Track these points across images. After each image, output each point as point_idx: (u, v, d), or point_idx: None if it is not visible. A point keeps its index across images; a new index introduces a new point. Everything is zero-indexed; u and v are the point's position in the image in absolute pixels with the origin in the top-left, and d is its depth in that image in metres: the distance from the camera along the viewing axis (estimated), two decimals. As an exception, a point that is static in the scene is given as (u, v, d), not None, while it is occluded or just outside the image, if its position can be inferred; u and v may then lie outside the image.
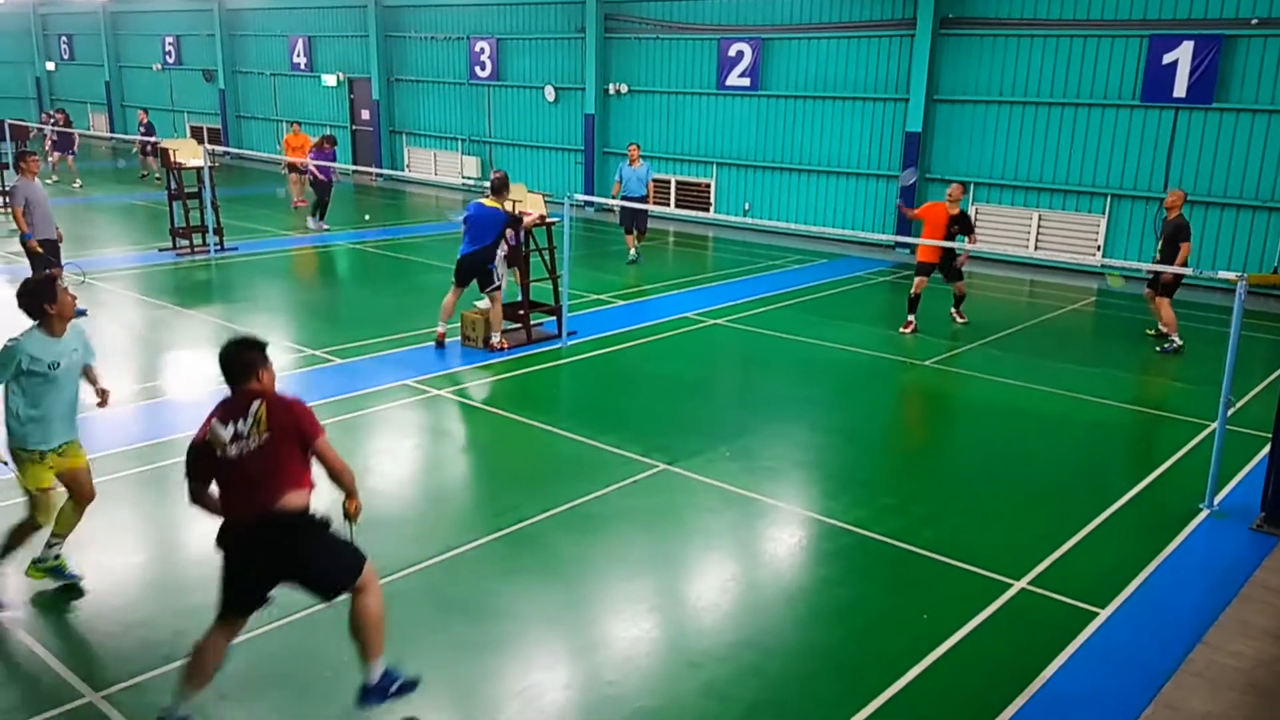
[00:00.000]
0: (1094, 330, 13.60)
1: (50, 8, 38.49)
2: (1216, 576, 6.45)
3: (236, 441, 4.45)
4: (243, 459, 4.45)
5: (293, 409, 4.57)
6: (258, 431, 4.45)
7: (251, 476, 4.46)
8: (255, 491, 4.46)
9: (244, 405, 4.51)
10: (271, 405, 4.51)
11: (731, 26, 20.09)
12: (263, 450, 4.45)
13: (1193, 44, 15.06)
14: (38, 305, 5.62)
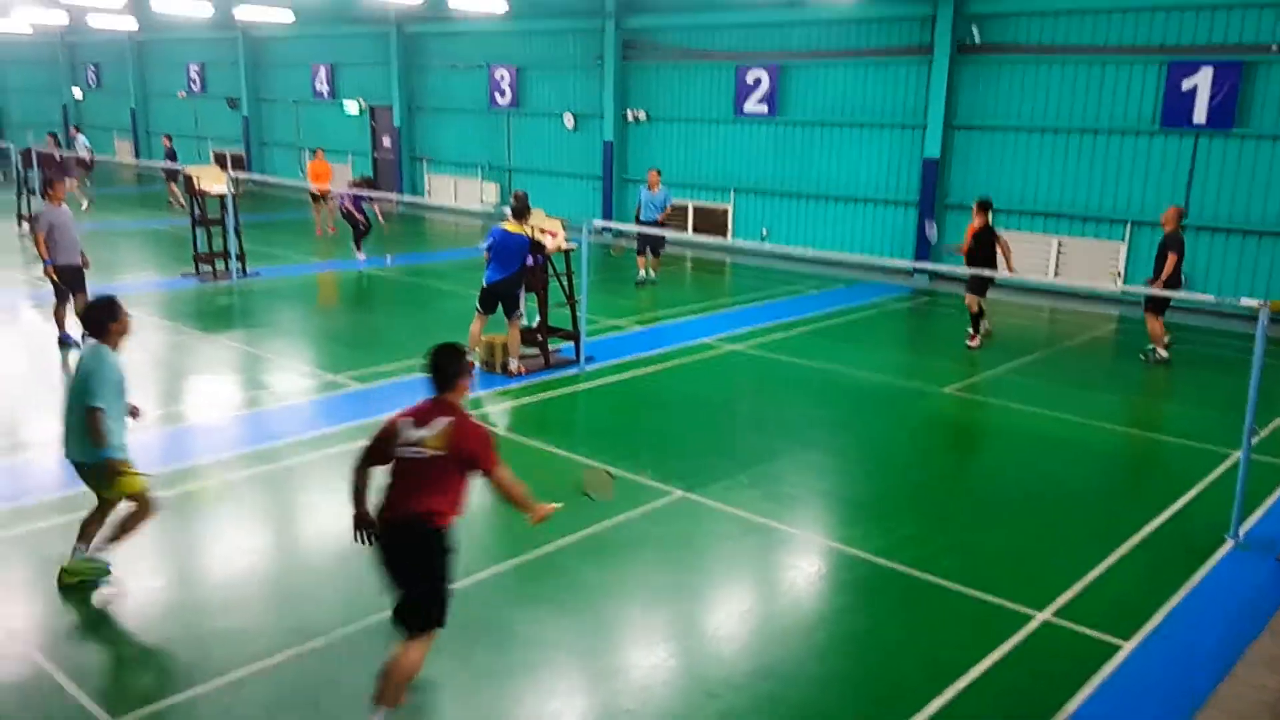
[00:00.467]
0: (1115, 356, 13.51)
1: (78, 36, 39.14)
2: (1242, 609, 6.36)
3: (413, 446, 4.77)
4: (411, 464, 4.77)
5: (475, 439, 4.85)
6: (434, 446, 4.74)
7: (411, 482, 4.78)
8: (405, 492, 4.78)
9: (434, 417, 4.83)
10: (457, 427, 4.80)
11: (749, 53, 20.20)
12: (430, 463, 4.75)
13: (1212, 69, 15.02)
14: (103, 324, 6.14)
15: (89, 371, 6.01)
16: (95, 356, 6.07)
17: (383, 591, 4.95)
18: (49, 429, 9.25)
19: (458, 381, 4.96)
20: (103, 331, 6.15)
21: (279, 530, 7.34)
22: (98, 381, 5.97)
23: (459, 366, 4.97)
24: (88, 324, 6.23)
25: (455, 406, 4.92)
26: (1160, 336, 12.41)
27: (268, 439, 9.00)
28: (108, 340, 6.16)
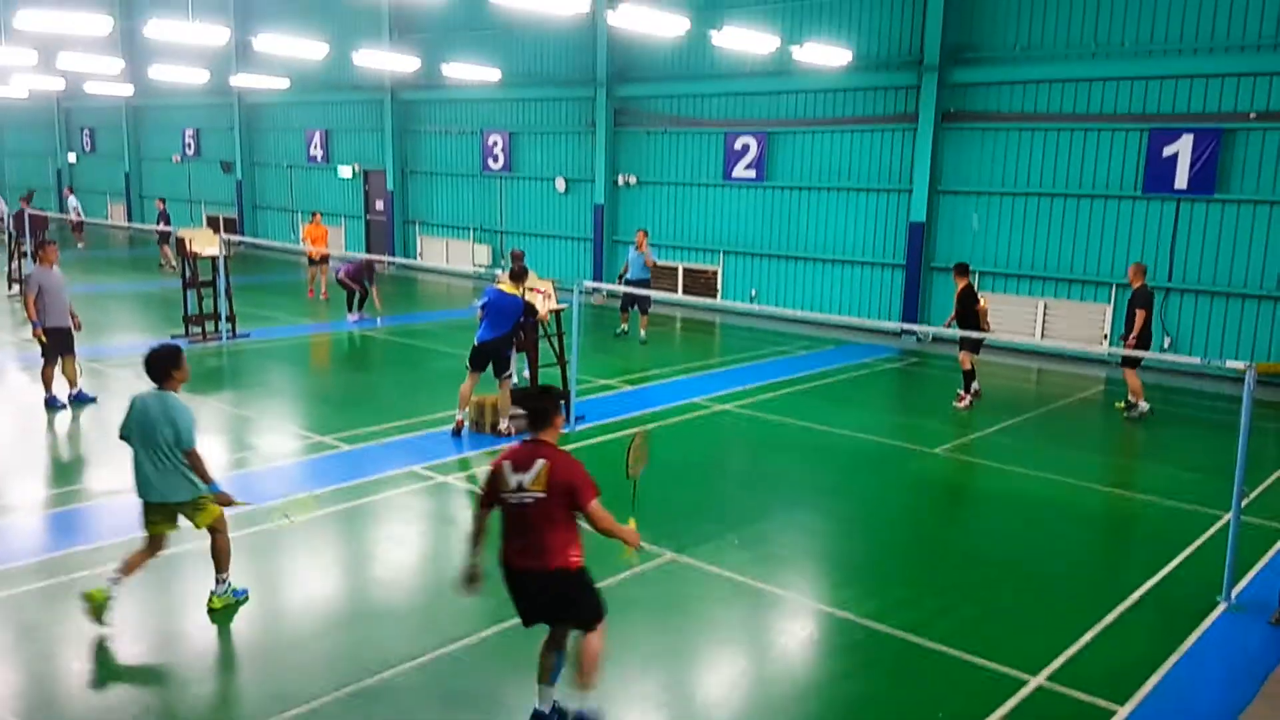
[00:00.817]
0: (1103, 417, 13.54)
1: (74, 101, 39.59)
2: (1237, 672, 6.30)
3: (517, 492, 5.08)
4: (519, 510, 5.08)
5: (570, 474, 5.09)
6: (536, 488, 5.03)
7: (519, 530, 5.11)
8: (523, 547, 5.10)
9: (531, 460, 5.12)
10: (553, 466, 5.06)
11: (737, 121, 20.55)
12: (537, 508, 5.05)
13: (1192, 137, 15.32)
14: (168, 371, 6.44)
15: (176, 415, 6.33)
16: (165, 402, 6.38)
17: (365, 664, 4.86)
18: (33, 492, 9.18)
19: (553, 419, 5.26)
20: (166, 378, 6.44)
21: (263, 595, 7.23)
22: (186, 424, 6.34)
23: (553, 405, 5.31)
24: (152, 371, 6.44)
25: (551, 446, 5.20)
26: (1140, 390, 12.73)
27: (254, 501, 8.90)
28: (169, 385, 6.46)
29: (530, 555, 5.09)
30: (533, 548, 5.08)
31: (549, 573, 5.10)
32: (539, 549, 5.08)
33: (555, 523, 5.08)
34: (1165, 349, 15.82)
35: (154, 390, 6.46)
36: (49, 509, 8.74)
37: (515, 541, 5.14)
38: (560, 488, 5.04)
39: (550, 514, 5.06)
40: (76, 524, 8.40)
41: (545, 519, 5.07)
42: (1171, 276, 15.87)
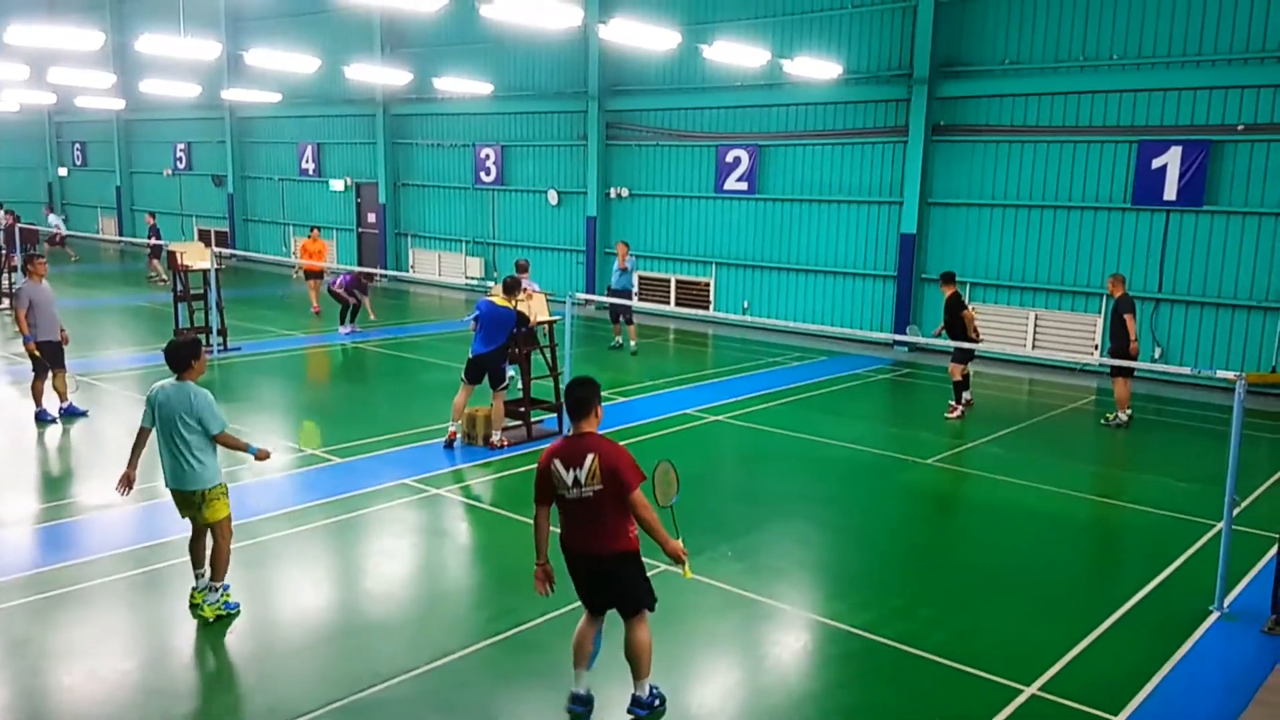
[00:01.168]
0: (1095, 428, 13.58)
1: (65, 116, 39.54)
2: (1230, 681, 6.31)
3: (576, 488, 5.34)
4: (580, 503, 5.37)
5: (617, 460, 5.32)
6: (593, 482, 5.30)
7: (582, 519, 5.41)
8: (586, 532, 5.42)
9: (581, 454, 5.33)
10: (602, 457, 5.30)
11: (729, 134, 20.63)
12: (596, 497, 5.32)
13: (1181, 149, 15.43)
14: (186, 361, 6.63)
15: (201, 404, 6.53)
16: (184, 391, 6.56)
17: (368, 669, 4.83)
18: (24, 506, 9.13)
19: (595, 408, 5.46)
20: (186, 368, 6.63)
21: (256, 607, 7.19)
22: (209, 410, 6.54)
23: (594, 394, 5.48)
24: (173, 361, 6.62)
25: (595, 436, 5.43)
26: (1124, 400, 12.87)
27: (245, 515, 8.87)
28: (189, 375, 6.65)
29: (593, 539, 5.42)
30: (596, 532, 5.40)
31: (610, 555, 5.43)
32: (601, 533, 5.39)
33: (615, 508, 5.35)
34: (1156, 359, 15.88)
35: (173, 381, 6.64)
36: (40, 523, 8.69)
37: (578, 528, 5.45)
38: (612, 477, 5.28)
39: (611, 501, 5.33)
40: (67, 538, 8.35)
41: (608, 506, 5.34)
42: (1161, 287, 15.95)
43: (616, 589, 5.55)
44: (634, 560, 5.52)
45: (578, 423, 5.45)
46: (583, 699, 5.68)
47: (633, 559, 5.51)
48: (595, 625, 5.72)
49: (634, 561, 5.53)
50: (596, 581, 5.56)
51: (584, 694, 5.69)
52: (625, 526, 5.42)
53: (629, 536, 5.45)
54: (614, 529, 5.40)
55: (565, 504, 5.43)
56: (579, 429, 5.45)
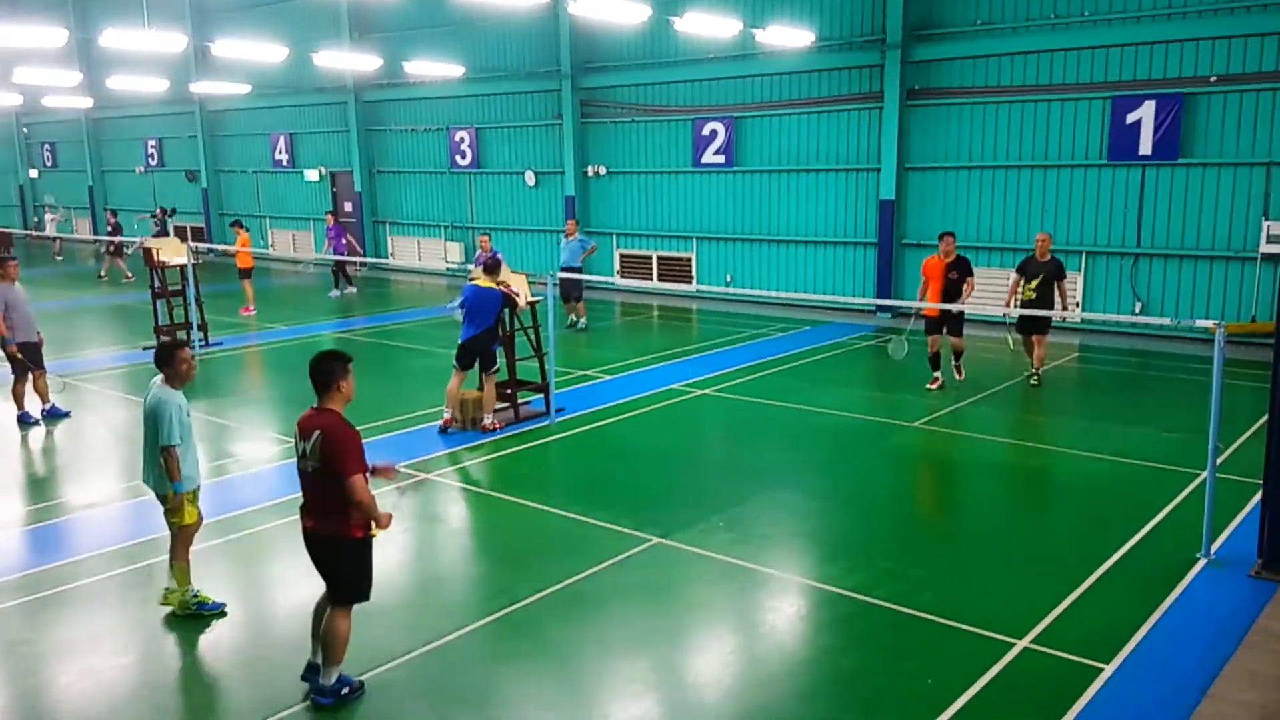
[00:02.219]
0: (1078, 385, 13.67)
1: (33, 117, 39.05)
2: (1219, 625, 6.38)
3: (301, 460, 5.38)
4: (304, 477, 5.41)
5: (332, 446, 5.24)
6: (313, 459, 5.28)
7: (306, 494, 5.46)
8: (307, 506, 5.47)
9: (310, 430, 5.33)
10: (325, 439, 5.25)
11: (704, 107, 20.54)
12: (315, 474, 5.32)
13: (1155, 103, 15.46)
14: (159, 364, 6.58)
15: (155, 410, 6.42)
16: (156, 396, 6.47)
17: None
18: (12, 508, 9.07)
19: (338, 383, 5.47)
20: (162, 373, 6.57)
21: (249, 600, 7.19)
22: (167, 421, 6.38)
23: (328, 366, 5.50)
24: (157, 362, 6.59)
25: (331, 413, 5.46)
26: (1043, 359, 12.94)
27: (235, 507, 8.86)
28: (170, 382, 6.56)
29: (305, 511, 5.59)
30: (307, 507, 5.56)
31: (310, 532, 5.57)
32: (311, 509, 5.54)
33: (327, 494, 5.40)
34: (1136, 313, 15.98)
35: (159, 382, 6.59)
36: (28, 525, 8.64)
37: (305, 501, 5.62)
38: (330, 458, 5.30)
39: (323, 485, 5.35)
40: (57, 539, 8.31)
41: (319, 489, 5.42)
42: (1140, 242, 16.03)
43: (329, 569, 5.55)
44: (346, 547, 5.42)
45: (319, 397, 5.42)
46: (316, 667, 5.64)
47: (345, 546, 5.41)
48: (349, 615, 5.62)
49: (346, 548, 5.42)
50: (314, 555, 5.58)
51: (319, 663, 5.63)
52: (341, 510, 5.33)
53: (344, 522, 5.36)
54: (331, 506, 5.34)
55: (300, 478, 5.48)
56: (320, 403, 5.42)
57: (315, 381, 5.40)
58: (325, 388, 5.38)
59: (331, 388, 5.38)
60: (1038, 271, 12.58)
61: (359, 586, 5.56)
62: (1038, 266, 12.62)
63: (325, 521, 5.40)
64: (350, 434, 5.30)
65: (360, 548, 5.48)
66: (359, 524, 5.40)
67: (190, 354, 6.76)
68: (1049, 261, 12.61)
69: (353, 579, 5.54)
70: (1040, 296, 12.48)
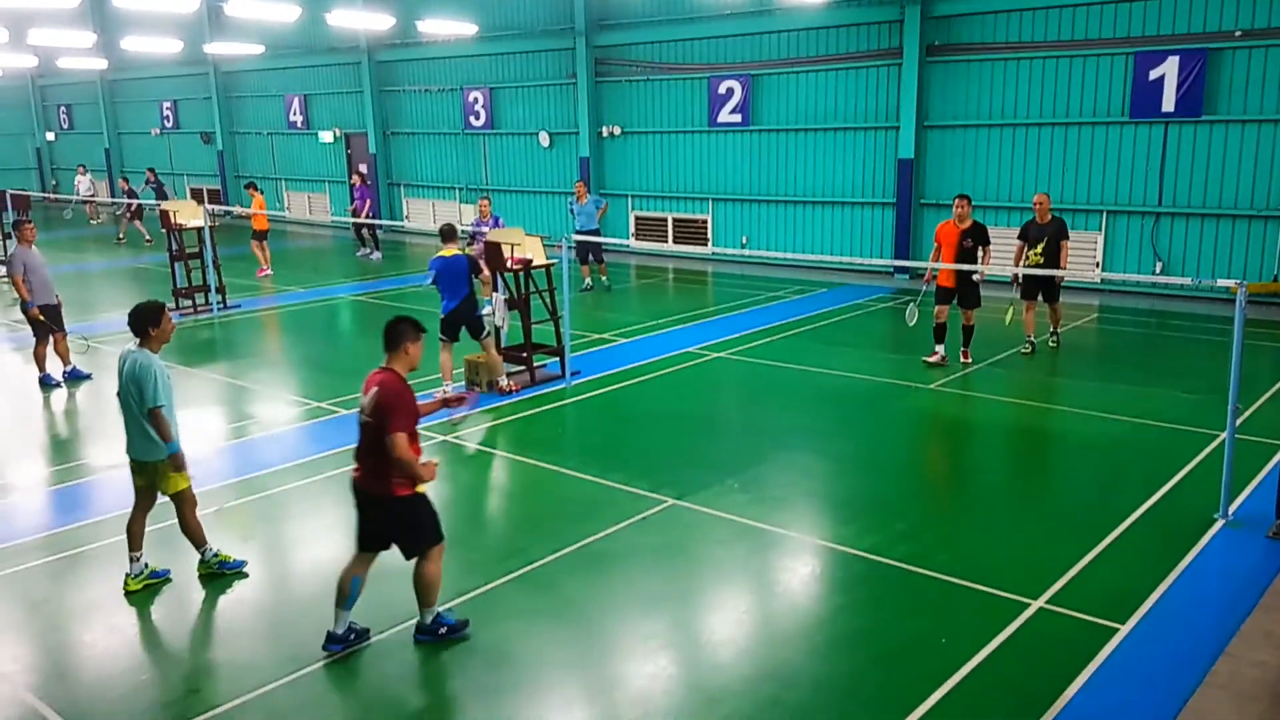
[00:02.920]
0: (1096, 346, 13.57)
1: (49, 79, 39.02)
2: (1236, 586, 6.38)
3: (360, 414, 5.49)
4: (360, 430, 5.49)
5: (384, 401, 5.35)
6: (367, 413, 5.40)
7: (359, 449, 5.53)
8: (359, 463, 5.56)
9: (370, 385, 5.47)
10: (380, 393, 5.37)
11: (720, 65, 20.31)
12: (365, 430, 5.42)
13: (1178, 59, 15.18)
14: (143, 327, 6.41)
15: (139, 374, 6.26)
16: (135, 360, 6.34)
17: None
18: (35, 469, 9.20)
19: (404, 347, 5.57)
20: (143, 335, 6.41)
21: (270, 558, 7.28)
22: (151, 383, 6.24)
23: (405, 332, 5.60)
24: (132, 325, 6.43)
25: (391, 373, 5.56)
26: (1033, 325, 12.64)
27: (255, 469, 8.95)
28: (148, 344, 6.42)
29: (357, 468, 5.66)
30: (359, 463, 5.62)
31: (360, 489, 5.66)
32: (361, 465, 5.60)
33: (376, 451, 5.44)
34: (1157, 273, 15.82)
35: (134, 346, 6.44)
36: (51, 485, 8.76)
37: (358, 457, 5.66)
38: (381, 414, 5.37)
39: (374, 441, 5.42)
40: (79, 499, 8.42)
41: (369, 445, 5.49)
42: (1162, 200, 15.83)
43: (382, 529, 5.64)
44: (395, 506, 5.54)
45: (387, 356, 5.58)
46: (338, 638, 5.72)
47: (394, 505, 5.53)
48: (364, 566, 5.75)
49: (395, 508, 5.55)
50: (360, 508, 5.66)
51: (340, 634, 5.72)
52: (387, 469, 5.41)
53: (388, 482, 5.45)
54: (377, 467, 5.45)
55: (359, 429, 5.55)
56: (386, 362, 5.57)
57: (386, 340, 5.54)
58: (393, 348, 5.53)
59: (398, 349, 5.52)
60: (1041, 235, 12.15)
61: (421, 539, 5.67)
62: (1040, 230, 12.18)
63: (372, 479, 5.50)
64: (404, 394, 5.43)
65: (410, 505, 5.58)
66: (402, 483, 5.47)
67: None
68: (1051, 223, 12.20)
69: (413, 535, 5.65)
70: (1049, 260, 12.07)
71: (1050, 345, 12.72)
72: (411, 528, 5.64)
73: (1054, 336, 12.77)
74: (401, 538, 5.65)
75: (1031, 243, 12.29)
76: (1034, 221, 12.34)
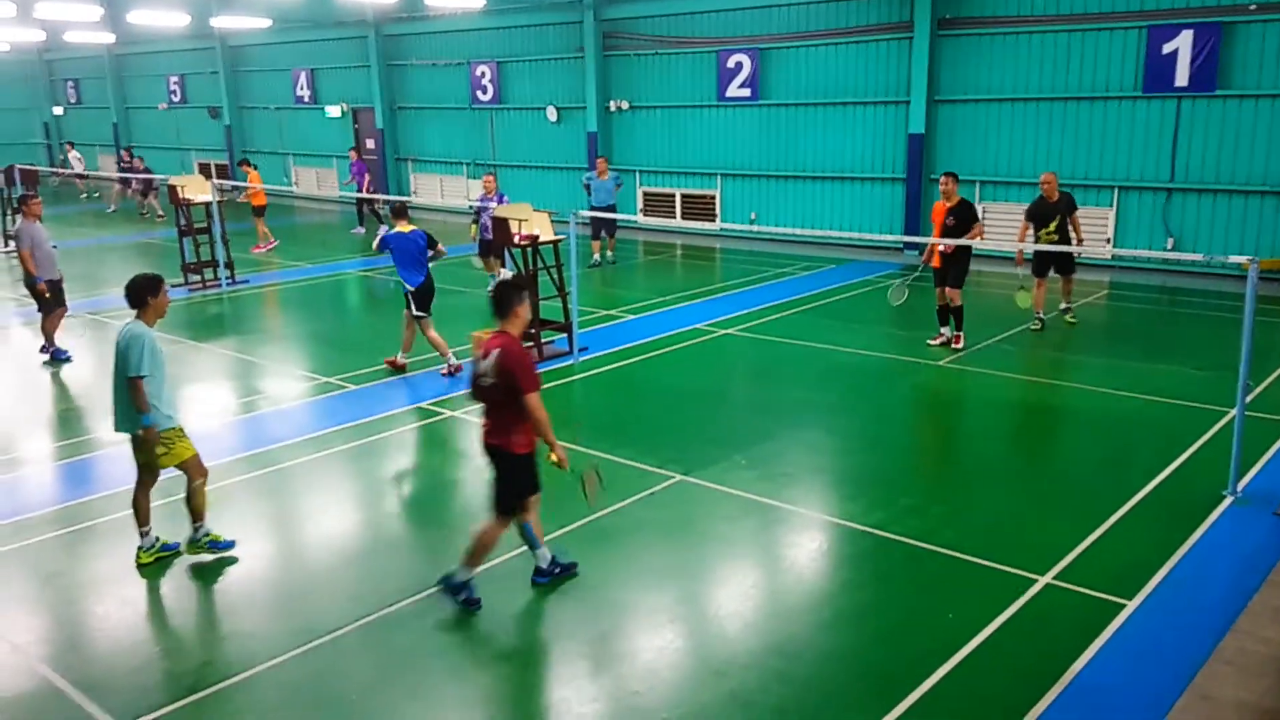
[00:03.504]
0: (1106, 323, 13.52)
1: (56, 54, 38.93)
2: (1243, 563, 6.38)
3: (482, 378, 5.75)
4: (483, 392, 5.77)
5: (510, 362, 5.61)
6: (490, 375, 5.67)
7: (487, 409, 5.84)
8: (487, 421, 5.87)
9: (488, 349, 5.72)
10: (502, 357, 5.63)
11: (729, 38, 20.16)
12: (492, 390, 5.71)
13: (1192, 33, 15.01)
14: (141, 297, 6.41)
15: (127, 345, 6.28)
16: (129, 331, 6.35)
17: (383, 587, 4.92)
18: (44, 445, 9.25)
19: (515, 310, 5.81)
20: (141, 305, 6.42)
21: (280, 532, 7.33)
22: (137, 353, 6.24)
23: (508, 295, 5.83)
24: (129, 297, 6.43)
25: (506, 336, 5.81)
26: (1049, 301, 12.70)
27: (265, 443, 8.99)
28: (145, 316, 6.44)
29: (485, 426, 5.96)
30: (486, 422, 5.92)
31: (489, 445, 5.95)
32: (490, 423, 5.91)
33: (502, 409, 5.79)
34: (1168, 249, 15.72)
35: (131, 320, 6.44)
36: (61, 460, 8.81)
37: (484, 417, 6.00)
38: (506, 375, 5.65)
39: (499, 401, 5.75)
40: (89, 473, 8.48)
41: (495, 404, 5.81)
42: (1174, 176, 15.70)
43: (503, 488, 5.91)
44: (512, 460, 5.83)
45: (499, 321, 5.80)
46: (455, 586, 5.90)
47: (511, 459, 5.82)
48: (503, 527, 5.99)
49: (512, 461, 5.83)
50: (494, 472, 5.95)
51: (458, 582, 5.90)
52: (513, 426, 5.74)
53: (510, 437, 5.76)
54: (501, 422, 5.76)
55: (479, 394, 5.86)
56: (500, 327, 5.80)
57: (496, 306, 5.79)
58: (505, 313, 5.77)
59: (509, 313, 5.77)
60: (1052, 213, 12.04)
61: (512, 501, 5.94)
62: (1050, 208, 12.06)
63: (496, 434, 5.82)
64: (525, 355, 5.76)
65: (523, 464, 5.86)
66: (524, 442, 5.80)
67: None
68: (1060, 200, 12.09)
69: (510, 491, 5.92)
70: (1063, 238, 12.07)
71: (1068, 321, 12.65)
72: (511, 485, 5.93)
73: (1069, 312, 12.70)
74: (501, 491, 5.92)
75: (1043, 221, 12.16)
76: (1043, 200, 12.20)
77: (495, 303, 5.79)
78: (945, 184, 11.30)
